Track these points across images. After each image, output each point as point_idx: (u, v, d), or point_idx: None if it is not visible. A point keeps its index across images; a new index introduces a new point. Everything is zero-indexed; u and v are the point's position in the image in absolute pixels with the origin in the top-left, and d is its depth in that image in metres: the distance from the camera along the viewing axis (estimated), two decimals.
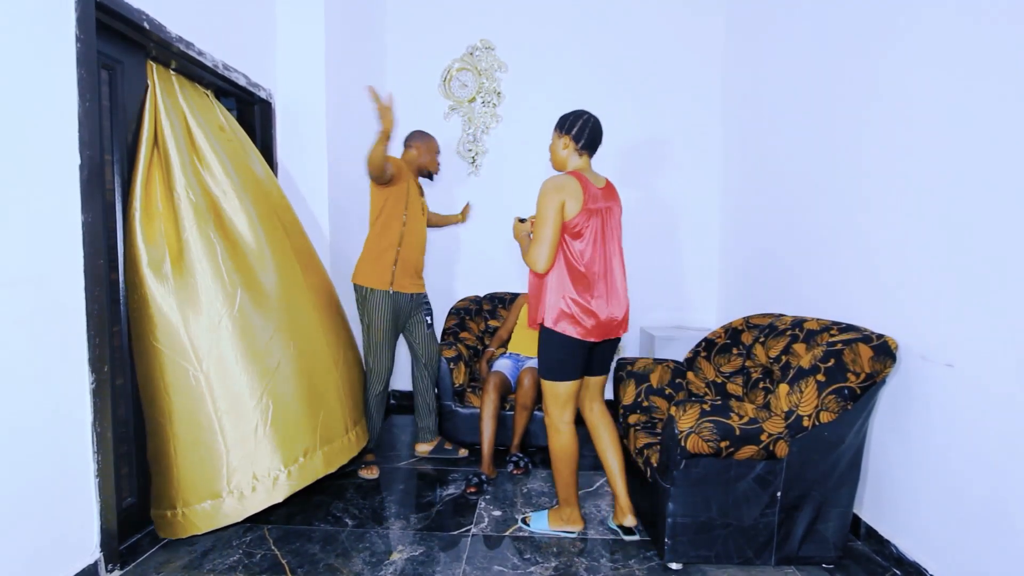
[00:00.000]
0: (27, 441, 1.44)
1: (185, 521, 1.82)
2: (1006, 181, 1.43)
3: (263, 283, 2.06)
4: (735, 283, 3.18)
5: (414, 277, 2.60)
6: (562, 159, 1.93)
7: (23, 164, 1.42)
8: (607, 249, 1.88)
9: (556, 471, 1.97)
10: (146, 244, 1.83)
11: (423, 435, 2.79)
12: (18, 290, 1.41)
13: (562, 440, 1.92)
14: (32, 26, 1.43)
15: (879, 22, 1.92)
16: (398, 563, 1.83)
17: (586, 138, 1.88)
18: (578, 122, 1.88)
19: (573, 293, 1.82)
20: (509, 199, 3.45)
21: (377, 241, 2.48)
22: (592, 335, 1.84)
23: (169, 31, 1.90)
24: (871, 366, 1.67)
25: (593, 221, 1.83)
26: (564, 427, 1.92)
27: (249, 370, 1.92)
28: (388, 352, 2.52)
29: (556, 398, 1.90)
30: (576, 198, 1.79)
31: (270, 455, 1.92)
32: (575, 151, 1.90)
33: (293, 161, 2.69)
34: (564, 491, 1.99)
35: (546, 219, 1.78)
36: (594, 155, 1.95)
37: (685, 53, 3.35)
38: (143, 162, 1.87)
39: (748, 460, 1.70)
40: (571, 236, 1.82)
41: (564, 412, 1.91)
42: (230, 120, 2.28)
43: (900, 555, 1.77)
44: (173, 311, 1.84)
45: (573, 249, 1.83)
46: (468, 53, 3.44)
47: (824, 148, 2.26)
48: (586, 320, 1.82)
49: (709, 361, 2.40)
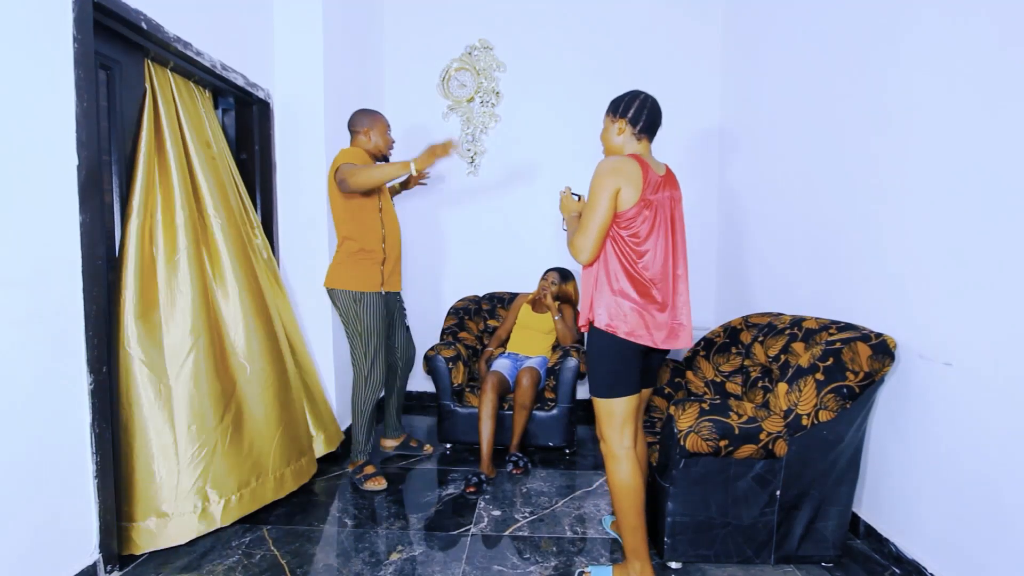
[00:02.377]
0: (26, 442, 1.44)
1: (130, 537, 1.80)
2: (1005, 180, 1.43)
3: (234, 304, 2.15)
4: (734, 282, 3.19)
5: (398, 274, 2.56)
6: (617, 146, 1.67)
7: (21, 164, 1.41)
8: (668, 245, 1.61)
9: (619, 511, 1.61)
10: (139, 253, 1.86)
11: (391, 432, 2.82)
12: (16, 291, 1.41)
13: (623, 471, 1.59)
14: (29, 26, 1.43)
15: (878, 24, 1.93)
16: (398, 563, 1.83)
17: (645, 120, 1.63)
18: (635, 103, 1.63)
19: (630, 292, 1.57)
20: (508, 199, 3.46)
21: (360, 241, 2.36)
22: (647, 339, 1.57)
23: (167, 31, 1.90)
24: (870, 365, 1.67)
25: (653, 212, 1.57)
26: (623, 453, 1.60)
27: (215, 390, 1.97)
28: (384, 356, 2.47)
29: (612, 417, 1.60)
30: (635, 185, 1.53)
31: (224, 476, 1.96)
32: (632, 135, 1.64)
33: (291, 161, 2.68)
34: (631, 539, 1.61)
35: (597, 205, 1.53)
36: (654, 140, 1.68)
37: (683, 53, 3.35)
38: (142, 168, 1.90)
39: (747, 459, 1.70)
40: (626, 229, 1.57)
41: (623, 435, 1.61)
42: (217, 136, 2.28)
43: (899, 553, 1.77)
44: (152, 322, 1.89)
45: (629, 243, 1.57)
46: (467, 53, 3.44)
47: (822, 148, 2.26)
48: (642, 323, 1.57)
49: (708, 360, 2.40)
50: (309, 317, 2.73)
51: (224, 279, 2.14)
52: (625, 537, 1.63)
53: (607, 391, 1.60)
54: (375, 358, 2.41)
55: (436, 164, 2.35)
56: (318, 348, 2.75)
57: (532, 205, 3.43)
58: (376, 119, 2.48)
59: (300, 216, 2.70)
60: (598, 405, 1.64)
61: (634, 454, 1.62)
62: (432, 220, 3.50)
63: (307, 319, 2.73)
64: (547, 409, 2.71)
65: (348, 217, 2.35)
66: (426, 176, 2.77)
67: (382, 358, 2.45)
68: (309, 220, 2.70)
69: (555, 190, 3.26)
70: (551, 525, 2.08)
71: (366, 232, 2.38)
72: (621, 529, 1.63)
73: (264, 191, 2.61)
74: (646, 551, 1.63)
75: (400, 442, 2.83)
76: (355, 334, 2.41)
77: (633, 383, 1.61)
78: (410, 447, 2.81)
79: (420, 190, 3.36)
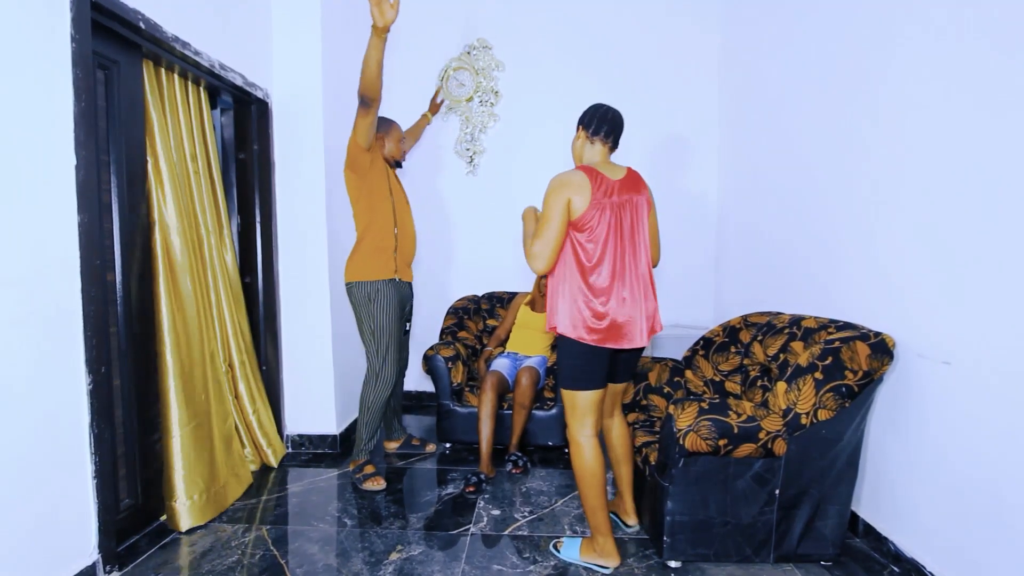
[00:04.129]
0: (25, 442, 1.44)
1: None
2: (1005, 180, 1.43)
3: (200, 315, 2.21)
4: (733, 282, 3.19)
5: (410, 265, 2.57)
6: (577, 154, 1.85)
7: (19, 164, 1.41)
8: (625, 246, 1.70)
9: (581, 494, 1.78)
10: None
11: (393, 434, 2.84)
12: (14, 291, 1.40)
13: (583, 456, 1.74)
14: (27, 26, 1.43)
15: (877, 27, 1.93)
16: (397, 563, 1.83)
17: (595, 125, 1.77)
18: (589, 111, 1.81)
19: (587, 296, 1.67)
20: (507, 199, 3.46)
21: (372, 229, 2.37)
22: (610, 341, 1.67)
23: (165, 31, 1.90)
24: (869, 364, 1.68)
25: (606, 216, 1.67)
26: (584, 440, 1.74)
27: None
28: (398, 351, 2.45)
29: (574, 408, 1.76)
30: (583, 193, 1.65)
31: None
32: (587, 140, 1.80)
33: (290, 161, 2.68)
34: (592, 518, 1.77)
35: (548, 217, 1.66)
36: (615, 146, 1.80)
37: (682, 54, 3.35)
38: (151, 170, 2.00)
39: (746, 458, 1.70)
40: (580, 233, 1.69)
41: (584, 424, 1.75)
42: (195, 152, 2.28)
43: (898, 552, 1.77)
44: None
45: (584, 247, 1.68)
46: (466, 52, 3.43)
47: (821, 149, 2.26)
48: (600, 324, 1.67)
49: (707, 359, 2.40)
50: (309, 316, 2.73)
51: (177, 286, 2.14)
52: (588, 515, 1.79)
53: (571, 384, 1.75)
54: (387, 355, 2.40)
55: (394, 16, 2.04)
56: (318, 347, 2.75)
57: (531, 204, 3.42)
58: (391, 127, 2.53)
59: (299, 215, 2.70)
60: (563, 396, 1.79)
61: (595, 441, 1.77)
62: (431, 219, 3.50)
63: (307, 319, 2.73)
64: (546, 408, 2.71)
65: (364, 207, 2.37)
66: (439, 100, 3.18)
67: (394, 356, 2.43)
68: (308, 219, 2.70)
69: None
70: (550, 524, 2.08)
71: (377, 219, 2.38)
72: (585, 509, 1.79)
73: (263, 191, 2.61)
74: (608, 528, 1.79)
75: (401, 443, 2.84)
76: (368, 331, 2.41)
77: (596, 380, 1.73)
78: (412, 446, 2.82)
79: (418, 190, 3.35)
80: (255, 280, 2.63)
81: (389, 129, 2.53)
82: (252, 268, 2.62)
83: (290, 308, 2.74)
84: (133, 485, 1.93)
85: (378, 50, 2.07)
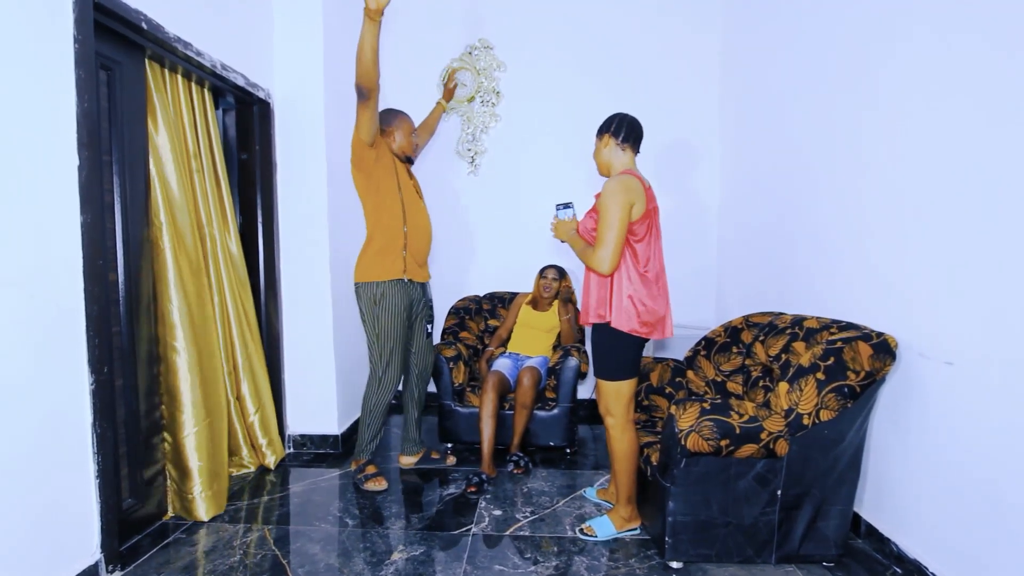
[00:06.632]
0: (28, 442, 1.44)
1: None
2: (1006, 179, 1.43)
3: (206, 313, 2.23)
4: (734, 282, 3.18)
5: (423, 265, 2.50)
6: (607, 161, 1.96)
7: (21, 164, 1.41)
8: (660, 246, 1.93)
9: (623, 471, 1.96)
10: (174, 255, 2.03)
11: (410, 447, 2.65)
12: (17, 291, 1.41)
13: (630, 438, 1.93)
14: (30, 27, 1.43)
15: (876, 30, 1.92)
16: (399, 563, 1.83)
17: (625, 131, 1.91)
18: (615, 120, 1.94)
19: (641, 293, 1.84)
20: (509, 199, 3.46)
21: (380, 228, 2.32)
22: (656, 333, 1.88)
23: (167, 31, 1.90)
24: (871, 364, 1.67)
25: (652, 219, 1.87)
26: (631, 425, 1.94)
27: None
28: (402, 356, 2.41)
29: (621, 397, 1.90)
30: (641, 200, 1.81)
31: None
32: (617, 146, 1.92)
33: (291, 161, 2.69)
34: (629, 489, 1.99)
35: (613, 221, 1.76)
36: (637, 153, 1.96)
37: (682, 56, 3.34)
38: (154, 171, 2.00)
39: (748, 458, 1.70)
40: (634, 235, 1.84)
41: (629, 410, 1.93)
42: (199, 151, 2.29)
43: (900, 553, 1.77)
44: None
45: (635, 248, 1.85)
46: (467, 52, 3.43)
47: (822, 148, 2.26)
48: (651, 318, 1.86)
49: (709, 360, 2.40)
50: (311, 316, 2.73)
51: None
52: (624, 488, 1.98)
53: (623, 374, 1.89)
54: (390, 359, 2.37)
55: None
56: (319, 347, 2.75)
57: (532, 204, 3.42)
58: (402, 120, 2.44)
59: (300, 215, 2.70)
60: (607, 387, 1.91)
61: (633, 423, 1.97)
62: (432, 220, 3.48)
63: (309, 318, 2.74)
64: (548, 409, 2.71)
65: (372, 206, 2.32)
66: (455, 82, 3.22)
67: (398, 360, 2.39)
68: (310, 219, 2.71)
69: (555, 189, 3.26)
70: (552, 525, 2.08)
71: (385, 217, 2.32)
72: (621, 483, 1.98)
73: (264, 190, 2.61)
74: (634, 497, 2.01)
75: (419, 457, 2.67)
76: (372, 334, 2.37)
77: (638, 368, 1.94)
78: (432, 460, 2.68)
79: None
80: (257, 280, 2.63)
81: (399, 122, 2.42)
82: (254, 268, 2.62)
83: (292, 308, 2.74)
84: (135, 485, 1.93)
85: (372, 35, 2.00)
